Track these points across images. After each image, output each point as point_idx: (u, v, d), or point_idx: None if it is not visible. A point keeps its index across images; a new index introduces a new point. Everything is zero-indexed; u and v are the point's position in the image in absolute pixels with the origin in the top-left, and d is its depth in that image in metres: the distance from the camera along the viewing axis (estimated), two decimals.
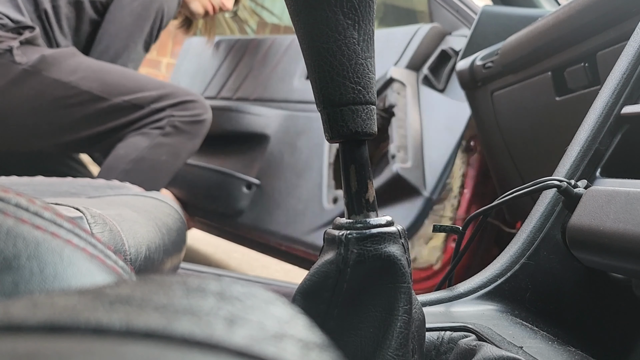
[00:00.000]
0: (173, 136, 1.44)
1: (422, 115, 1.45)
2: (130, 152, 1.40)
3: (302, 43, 0.41)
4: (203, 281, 0.17)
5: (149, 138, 1.41)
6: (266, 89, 1.86)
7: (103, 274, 0.24)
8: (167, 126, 1.43)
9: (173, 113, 1.44)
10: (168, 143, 1.43)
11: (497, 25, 1.32)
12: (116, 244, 0.49)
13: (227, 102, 1.92)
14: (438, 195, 1.40)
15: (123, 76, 1.46)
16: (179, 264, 0.74)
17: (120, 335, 0.13)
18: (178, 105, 1.45)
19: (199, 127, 1.49)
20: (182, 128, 1.45)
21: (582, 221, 0.51)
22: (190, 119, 1.46)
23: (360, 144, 0.41)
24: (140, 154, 1.40)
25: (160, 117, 1.43)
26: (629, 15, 0.78)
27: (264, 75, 1.89)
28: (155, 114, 1.43)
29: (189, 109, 1.47)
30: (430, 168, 1.41)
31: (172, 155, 1.45)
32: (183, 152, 1.48)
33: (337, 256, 0.39)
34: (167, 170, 1.46)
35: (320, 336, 0.16)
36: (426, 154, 1.42)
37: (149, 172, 1.41)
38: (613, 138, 0.59)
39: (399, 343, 0.39)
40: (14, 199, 0.22)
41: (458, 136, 1.41)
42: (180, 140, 1.45)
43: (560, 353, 0.45)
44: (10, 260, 0.21)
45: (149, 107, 1.43)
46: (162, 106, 1.44)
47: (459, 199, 1.43)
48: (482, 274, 0.58)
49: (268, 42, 1.96)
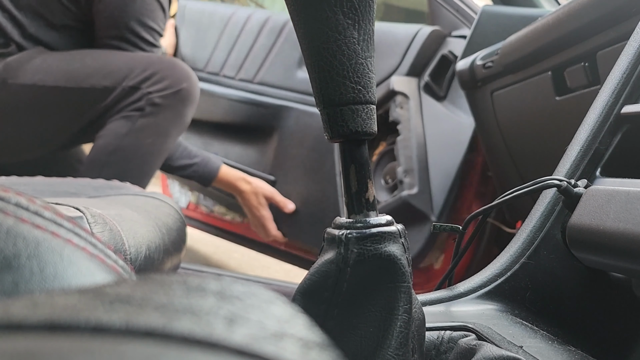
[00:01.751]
0: (155, 115, 1.29)
1: (425, 131, 1.45)
2: (110, 142, 1.28)
3: (302, 43, 0.41)
4: (203, 280, 0.17)
5: (129, 122, 1.28)
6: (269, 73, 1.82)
7: (103, 273, 0.24)
8: (146, 106, 1.28)
9: (149, 89, 1.29)
10: (151, 124, 1.29)
11: (497, 25, 1.32)
12: (116, 243, 0.49)
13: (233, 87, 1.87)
14: (446, 219, 1.41)
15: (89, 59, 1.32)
16: (179, 263, 0.74)
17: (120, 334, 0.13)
18: (152, 78, 1.29)
19: (183, 99, 1.32)
20: (163, 104, 1.29)
21: (582, 221, 0.51)
22: (169, 91, 1.30)
23: (360, 144, 0.41)
24: (120, 142, 1.27)
25: (137, 97, 1.28)
26: (629, 15, 0.78)
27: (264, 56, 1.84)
28: (131, 94, 1.29)
29: (166, 79, 1.30)
30: (436, 191, 1.41)
31: (159, 136, 1.31)
32: (172, 130, 1.33)
33: (337, 255, 0.39)
34: (157, 152, 1.33)
35: (320, 335, 0.16)
36: (432, 175, 1.42)
37: (134, 160, 1.29)
38: (613, 138, 0.59)
39: (399, 342, 0.39)
40: (14, 198, 0.22)
41: (461, 156, 1.41)
42: (165, 117, 1.30)
43: (560, 352, 0.45)
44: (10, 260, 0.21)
45: (121, 87, 1.28)
46: (136, 83, 1.29)
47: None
48: (482, 274, 0.58)
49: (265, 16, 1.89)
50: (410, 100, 1.47)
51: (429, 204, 1.41)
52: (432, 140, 1.44)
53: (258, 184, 1.68)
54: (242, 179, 1.66)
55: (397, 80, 1.49)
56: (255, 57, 1.87)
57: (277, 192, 1.68)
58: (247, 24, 1.92)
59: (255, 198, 1.67)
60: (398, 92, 1.47)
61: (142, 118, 1.28)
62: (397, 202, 1.41)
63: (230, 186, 1.66)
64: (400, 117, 1.45)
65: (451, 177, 1.41)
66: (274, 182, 1.73)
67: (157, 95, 1.29)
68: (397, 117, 1.45)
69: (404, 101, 1.46)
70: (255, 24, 1.90)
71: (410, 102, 1.46)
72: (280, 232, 1.70)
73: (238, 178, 1.66)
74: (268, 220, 1.68)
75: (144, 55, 1.36)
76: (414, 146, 1.43)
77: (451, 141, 1.43)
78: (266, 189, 1.68)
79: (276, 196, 1.67)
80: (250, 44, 1.90)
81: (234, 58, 1.92)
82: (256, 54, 1.87)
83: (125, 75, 1.29)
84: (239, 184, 1.66)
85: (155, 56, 1.37)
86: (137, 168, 1.29)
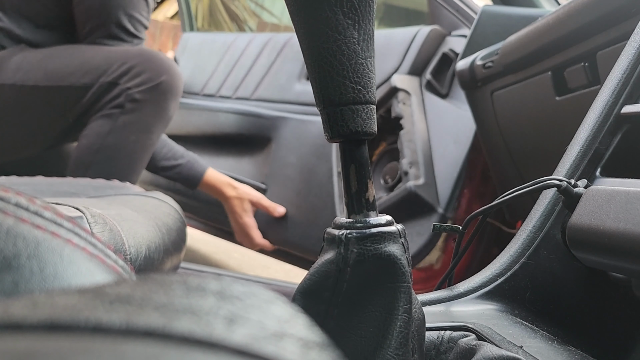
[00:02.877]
0: (137, 112, 1.25)
1: (429, 125, 1.44)
2: (93, 142, 1.24)
3: (302, 43, 0.41)
4: (203, 280, 0.17)
5: (110, 120, 1.24)
6: (267, 89, 1.85)
7: (103, 273, 0.24)
8: (126, 102, 1.24)
9: (127, 84, 1.24)
10: (133, 120, 1.25)
11: (497, 25, 1.32)
12: (116, 243, 0.49)
13: (229, 102, 1.91)
14: (453, 212, 1.39)
15: (67, 56, 1.29)
16: (179, 263, 0.74)
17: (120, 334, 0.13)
18: (130, 72, 1.25)
19: (164, 92, 1.27)
20: (144, 99, 1.25)
21: (582, 221, 0.51)
22: (148, 85, 1.25)
23: (360, 144, 0.41)
24: (104, 141, 1.24)
25: (116, 94, 1.24)
26: (629, 15, 0.78)
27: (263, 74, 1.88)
28: (109, 90, 1.25)
29: (144, 73, 1.25)
30: (442, 183, 1.40)
31: (142, 132, 1.27)
32: (155, 125, 1.29)
33: (337, 256, 0.39)
34: (142, 148, 1.29)
35: (320, 335, 0.16)
36: (437, 168, 1.40)
37: (120, 158, 1.26)
38: (613, 138, 0.59)
39: (398, 342, 0.39)
40: (14, 198, 0.22)
41: (466, 150, 1.40)
42: (147, 113, 1.26)
43: (560, 352, 0.45)
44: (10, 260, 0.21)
45: (98, 83, 1.25)
46: (113, 78, 1.25)
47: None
48: (482, 274, 0.58)
49: (266, 39, 1.95)
50: (412, 96, 1.46)
51: (435, 195, 1.38)
52: (435, 134, 1.43)
53: (244, 189, 1.64)
54: (228, 184, 1.62)
55: (399, 78, 1.49)
56: (254, 75, 1.89)
57: (264, 197, 1.65)
58: (248, 49, 1.96)
59: (240, 204, 1.63)
60: (400, 89, 1.47)
61: (123, 115, 1.24)
62: (403, 193, 1.38)
63: (215, 191, 1.62)
64: (402, 112, 1.44)
65: (457, 170, 1.39)
66: (264, 190, 1.71)
67: (136, 91, 1.24)
68: (399, 113, 1.45)
69: (406, 97, 1.46)
70: (256, 46, 1.94)
71: (412, 98, 1.46)
72: (267, 240, 1.66)
73: (224, 183, 1.62)
74: (251, 229, 1.64)
75: (123, 50, 1.31)
76: (418, 139, 1.41)
77: (455, 135, 1.42)
78: (252, 194, 1.64)
79: (263, 201, 1.63)
80: (249, 65, 1.92)
81: (231, 80, 1.94)
82: (255, 73, 1.89)
83: (103, 71, 1.26)
84: (224, 189, 1.62)
85: (134, 49, 1.32)
86: (124, 166, 1.27)
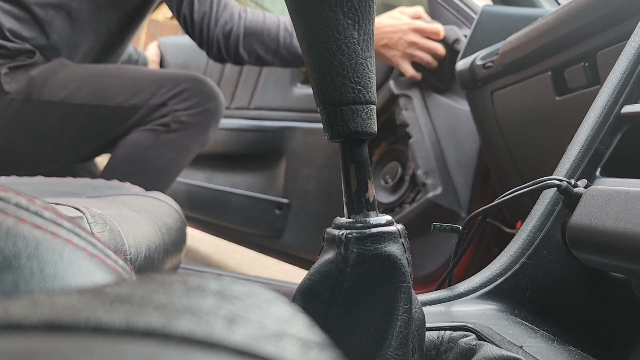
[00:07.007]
0: (180, 132, 1.29)
1: (435, 128, 1.42)
2: (132, 152, 1.28)
3: (302, 43, 0.41)
4: (203, 280, 0.17)
5: (153, 135, 1.28)
6: (263, 97, 1.82)
7: (103, 273, 0.24)
8: (172, 122, 1.28)
9: (176, 107, 1.29)
10: (175, 139, 1.29)
11: (497, 25, 1.32)
12: (116, 243, 0.49)
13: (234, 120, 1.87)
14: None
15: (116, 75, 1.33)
16: (179, 263, 0.74)
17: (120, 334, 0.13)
18: (180, 95, 1.30)
19: (208, 117, 1.32)
20: (189, 121, 1.29)
21: (582, 221, 0.51)
22: (196, 110, 1.30)
23: (360, 144, 0.41)
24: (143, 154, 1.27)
25: (164, 113, 1.29)
26: (629, 15, 0.78)
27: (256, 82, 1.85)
28: (157, 110, 1.29)
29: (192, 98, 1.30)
30: (460, 186, 1.38)
31: (181, 151, 1.31)
32: (194, 146, 1.33)
33: (337, 256, 0.39)
34: (177, 166, 1.33)
35: (320, 335, 0.16)
36: (452, 171, 1.39)
37: (155, 172, 1.29)
38: (613, 137, 0.59)
39: (398, 342, 0.39)
40: (14, 198, 0.22)
41: (477, 145, 1.38)
42: (189, 134, 1.30)
43: (560, 352, 0.45)
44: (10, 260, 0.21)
45: (147, 106, 1.29)
46: (162, 101, 1.29)
47: None
48: (482, 274, 0.58)
49: None
50: (414, 99, 1.46)
51: (456, 201, 1.37)
52: (444, 135, 1.41)
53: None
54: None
55: (397, 83, 1.49)
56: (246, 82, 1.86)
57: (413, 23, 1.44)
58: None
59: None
60: (400, 95, 1.46)
61: (166, 133, 1.29)
62: (424, 205, 1.37)
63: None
64: (407, 119, 1.43)
65: (472, 167, 1.38)
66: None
67: (184, 113, 1.29)
68: (404, 120, 1.44)
69: (407, 102, 1.45)
70: None
71: (414, 101, 1.45)
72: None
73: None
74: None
75: (173, 73, 1.36)
76: (429, 145, 1.40)
77: (463, 133, 1.41)
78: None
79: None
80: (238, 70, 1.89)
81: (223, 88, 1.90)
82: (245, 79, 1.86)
83: (152, 93, 1.30)
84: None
85: (184, 73, 1.36)
86: (156, 180, 1.29)
